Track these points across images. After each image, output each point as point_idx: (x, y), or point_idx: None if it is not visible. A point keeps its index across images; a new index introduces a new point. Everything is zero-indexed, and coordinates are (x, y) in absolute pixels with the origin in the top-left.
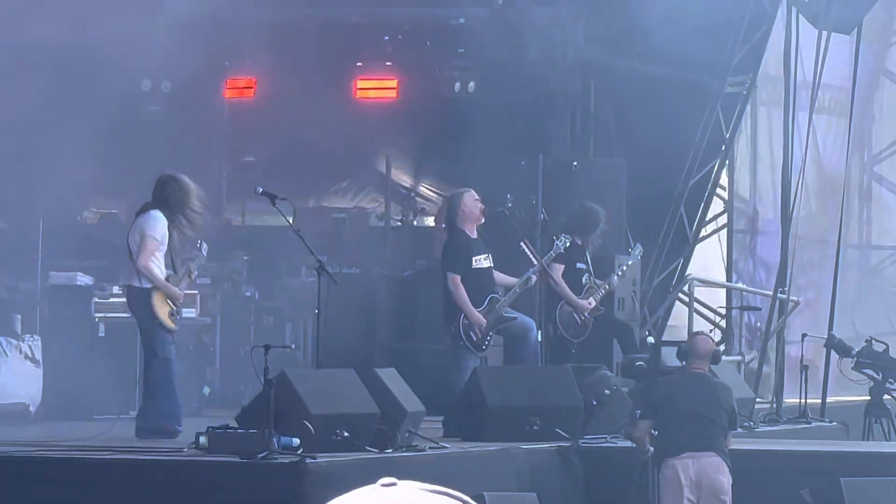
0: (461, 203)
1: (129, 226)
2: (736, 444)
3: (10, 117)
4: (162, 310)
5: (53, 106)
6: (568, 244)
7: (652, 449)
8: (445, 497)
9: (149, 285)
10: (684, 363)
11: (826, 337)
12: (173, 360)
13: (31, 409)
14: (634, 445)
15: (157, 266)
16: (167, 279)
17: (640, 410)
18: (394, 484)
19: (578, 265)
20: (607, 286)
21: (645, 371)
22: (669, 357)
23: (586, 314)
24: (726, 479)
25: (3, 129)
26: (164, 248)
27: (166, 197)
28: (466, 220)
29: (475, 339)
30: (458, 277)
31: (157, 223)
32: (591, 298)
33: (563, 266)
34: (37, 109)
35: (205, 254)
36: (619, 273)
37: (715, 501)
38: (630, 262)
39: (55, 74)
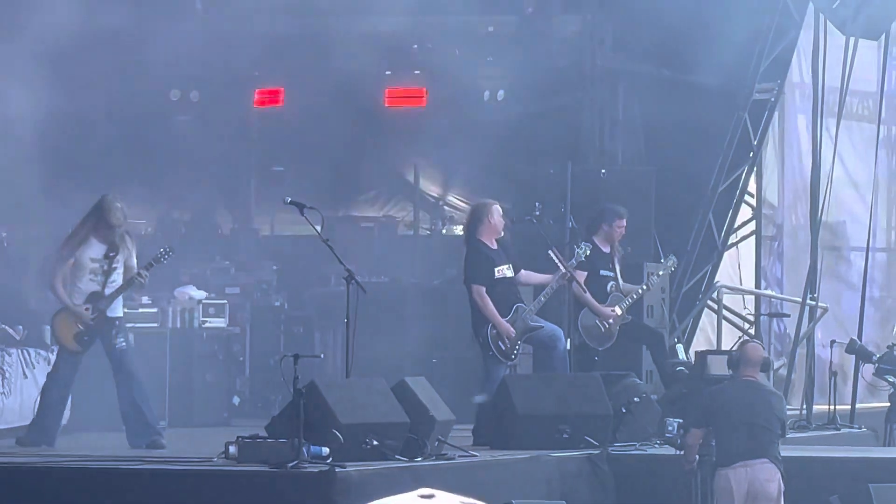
0: (488, 214)
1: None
2: None
3: (41, 128)
4: (66, 330)
5: (85, 116)
6: (588, 252)
7: (697, 458)
8: None
9: (60, 305)
10: (734, 371)
11: (847, 343)
12: (62, 380)
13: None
14: (681, 453)
15: (79, 285)
16: (91, 294)
17: (692, 418)
18: (432, 496)
19: (602, 272)
20: (634, 295)
21: (690, 379)
22: (714, 365)
23: (610, 321)
24: (777, 486)
25: (34, 141)
26: (85, 266)
27: (84, 218)
28: (487, 232)
29: (504, 348)
30: (483, 289)
31: (69, 241)
32: (616, 307)
33: (585, 273)
34: (67, 119)
35: (163, 261)
36: (648, 283)
37: None
38: (661, 273)
39: (83, 84)
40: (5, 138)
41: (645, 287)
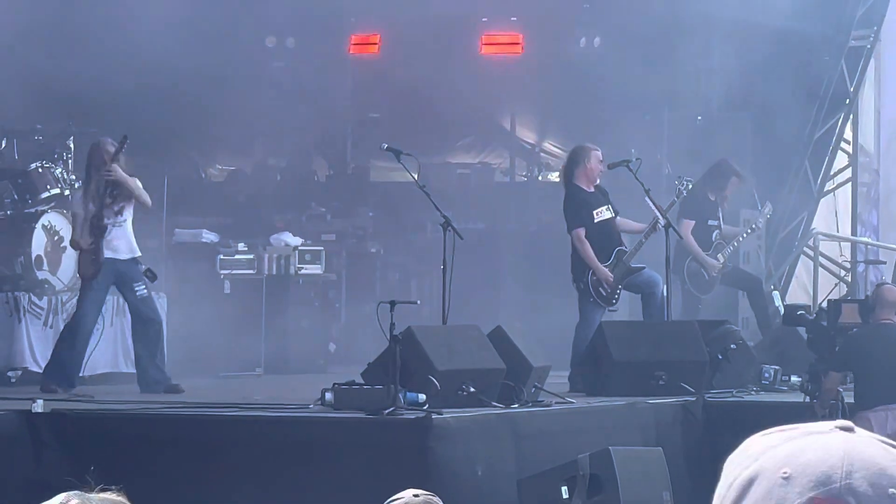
0: (587, 160)
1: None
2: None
3: (133, 75)
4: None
5: (177, 63)
6: (690, 186)
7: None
8: None
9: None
10: (869, 315)
11: None
12: (87, 320)
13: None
14: (807, 400)
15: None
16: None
17: (832, 362)
18: (851, 429)
19: (710, 222)
20: (736, 242)
21: (820, 327)
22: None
23: (715, 273)
24: None
25: (128, 89)
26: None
27: (86, 166)
28: (584, 177)
29: (605, 294)
30: (583, 232)
31: (76, 195)
32: (719, 255)
33: (693, 222)
34: (160, 67)
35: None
36: (749, 231)
37: None
38: (760, 221)
39: (177, 31)
40: (97, 84)
41: (745, 235)
